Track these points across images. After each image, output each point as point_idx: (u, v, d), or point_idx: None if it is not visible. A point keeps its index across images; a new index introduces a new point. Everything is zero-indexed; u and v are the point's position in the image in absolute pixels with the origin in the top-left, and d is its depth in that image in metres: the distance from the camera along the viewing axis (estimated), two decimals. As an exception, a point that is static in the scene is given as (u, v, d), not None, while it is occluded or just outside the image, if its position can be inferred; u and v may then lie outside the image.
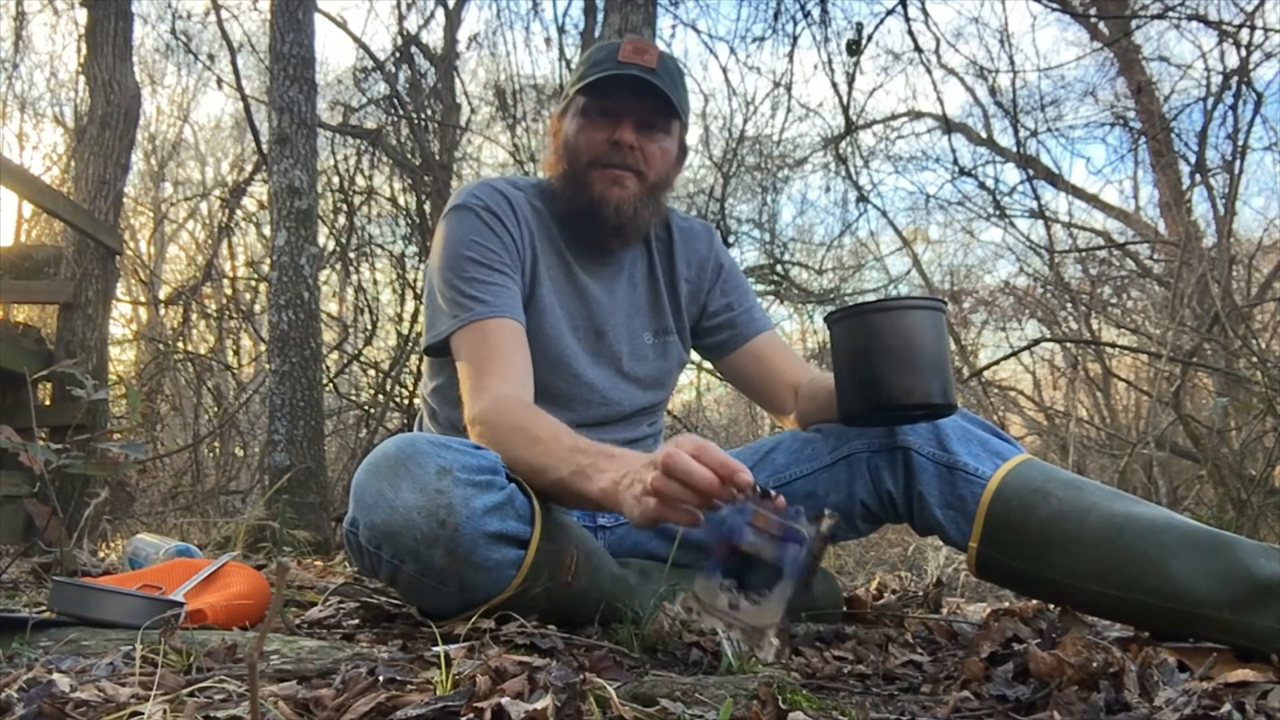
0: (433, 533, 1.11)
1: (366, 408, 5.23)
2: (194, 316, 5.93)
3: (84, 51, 4.41)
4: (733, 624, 0.93)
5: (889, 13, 5.04)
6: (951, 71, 7.10)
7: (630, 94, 1.43)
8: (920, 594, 1.74)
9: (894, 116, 7.91)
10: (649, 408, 1.60)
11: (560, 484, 1.17)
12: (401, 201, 5.40)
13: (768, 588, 0.96)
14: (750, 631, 0.93)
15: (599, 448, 1.16)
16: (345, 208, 5.34)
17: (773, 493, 0.98)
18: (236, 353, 6.26)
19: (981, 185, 6.97)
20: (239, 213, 6.25)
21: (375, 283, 5.59)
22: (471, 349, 1.39)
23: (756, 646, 0.92)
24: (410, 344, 4.96)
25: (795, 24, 5.26)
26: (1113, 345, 5.75)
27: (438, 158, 5.21)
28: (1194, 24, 5.38)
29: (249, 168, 6.06)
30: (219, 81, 5.72)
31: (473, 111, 5.97)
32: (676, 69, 1.49)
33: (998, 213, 6.78)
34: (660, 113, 1.46)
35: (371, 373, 5.55)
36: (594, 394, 1.51)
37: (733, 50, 7.31)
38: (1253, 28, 4.67)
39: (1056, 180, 7.61)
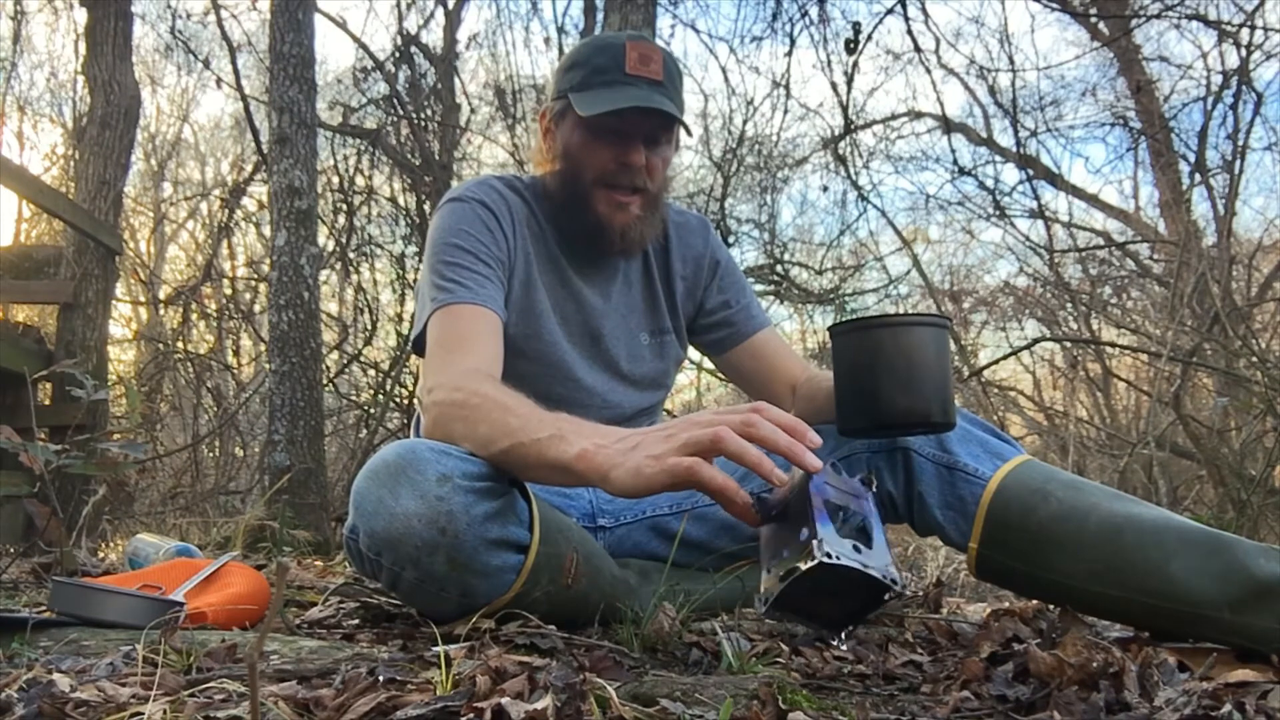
0: (433, 540, 1.10)
1: (366, 408, 5.24)
2: (194, 316, 5.94)
3: (84, 51, 4.41)
4: (867, 565, 0.94)
5: (888, 12, 5.05)
6: (951, 71, 7.12)
7: (639, 112, 1.39)
8: (920, 594, 1.74)
9: (894, 116, 7.90)
10: (648, 408, 1.60)
11: (530, 449, 1.09)
12: (401, 201, 5.41)
13: (867, 532, 0.99)
14: (883, 569, 0.95)
15: (581, 419, 1.12)
16: (345, 208, 5.34)
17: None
18: (236, 353, 6.25)
19: (981, 185, 6.97)
20: (239, 213, 6.26)
21: (375, 283, 5.60)
22: (443, 330, 1.35)
23: (893, 580, 0.95)
24: (410, 344, 4.96)
25: (794, 24, 5.27)
26: (1113, 345, 5.76)
27: (438, 158, 5.21)
28: (1194, 24, 5.39)
29: (249, 168, 6.07)
30: (219, 81, 5.73)
31: (472, 111, 5.97)
32: (677, 69, 1.46)
33: (998, 213, 6.78)
34: (666, 126, 1.43)
35: (371, 373, 5.55)
36: (593, 398, 1.51)
37: (732, 50, 7.28)
38: (1253, 28, 4.67)
39: (1056, 180, 7.62)
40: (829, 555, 0.91)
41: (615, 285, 1.56)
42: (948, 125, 6.33)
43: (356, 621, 1.34)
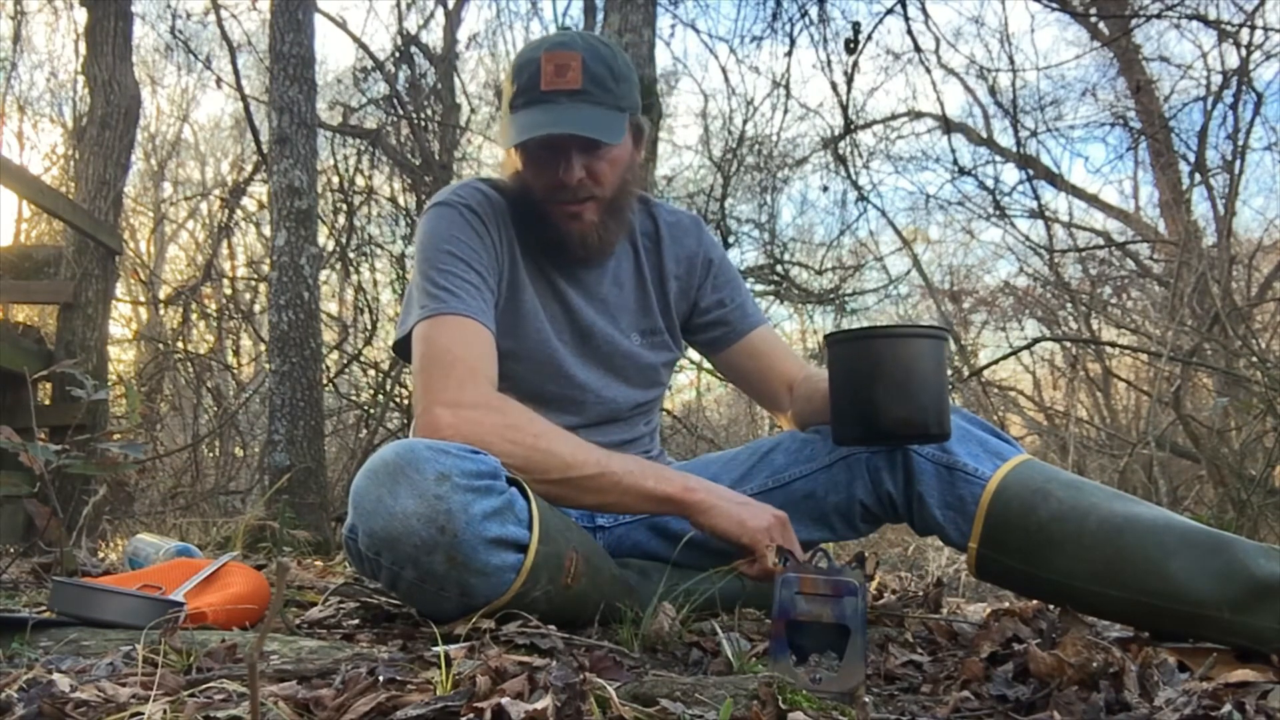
0: (432, 539, 1.10)
1: (366, 408, 5.23)
2: (194, 316, 5.93)
3: (84, 51, 4.41)
4: (822, 697, 0.90)
5: (888, 12, 5.04)
6: (951, 71, 7.13)
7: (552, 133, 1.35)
8: (920, 594, 1.74)
9: (894, 116, 7.91)
10: (644, 405, 1.60)
11: (623, 479, 1.27)
12: (401, 201, 5.40)
13: (839, 649, 0.94)
14: (840, 697, 0.92)
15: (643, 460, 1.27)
16: (345, 208, 5.33)
17: (803, 553, 0.99)
18: (236, 353, 6.25)
19: (981, 185, 6.98)
20: (239, 213, 6.25)
21: (375, 283, 5.59)
22: (441, 340, 1.34)
23: (852, 706, 0.90)
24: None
25: (794, 24, 5.27)
26: (1113, 345, 5.75)
27: (437, 158, 5.21)
28: (1194, 24, 5.39)
29: (249, 168, 6.07)
30: (219, 81, 5.73)
31: (472, 111, 5.97)
32: (606, 66, 1.39)
33: (998, 213, 6.79)
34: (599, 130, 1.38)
35: (371, 373, 5.55)
36: (588, 394, 1.50)
37: (732, 50, 7.28)
38: (1253, 28, 4.67)
39: (1056, 180, 7.62)
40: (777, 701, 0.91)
41: (604, 286, 1.55)
42: (948, 125, 6.32)
43: (356, 621, 1.34)
